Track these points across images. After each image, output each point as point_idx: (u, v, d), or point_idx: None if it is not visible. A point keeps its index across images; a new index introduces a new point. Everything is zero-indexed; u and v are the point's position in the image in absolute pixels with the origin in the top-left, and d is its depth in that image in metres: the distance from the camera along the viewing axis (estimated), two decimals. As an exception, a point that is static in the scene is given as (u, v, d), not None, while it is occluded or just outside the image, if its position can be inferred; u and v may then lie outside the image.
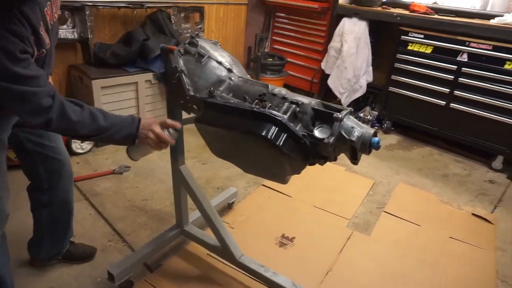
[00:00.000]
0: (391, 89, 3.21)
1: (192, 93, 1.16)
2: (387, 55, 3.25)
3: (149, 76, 2.79)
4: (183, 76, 1.17)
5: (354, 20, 3.27)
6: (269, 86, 1.16)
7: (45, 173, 1.36)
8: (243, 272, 1.58)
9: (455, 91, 2.85)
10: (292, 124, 1.03)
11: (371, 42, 3.30)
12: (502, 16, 2.69)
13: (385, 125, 3.35)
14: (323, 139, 1.01)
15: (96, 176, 2.31)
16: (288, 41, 4.04)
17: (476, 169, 2.85)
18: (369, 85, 3.43)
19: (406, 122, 3.22)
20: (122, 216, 1.98)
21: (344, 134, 1.00)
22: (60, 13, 1.19)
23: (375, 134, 1.01)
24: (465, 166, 2.89)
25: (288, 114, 1.05)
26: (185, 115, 1.40)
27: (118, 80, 2.64)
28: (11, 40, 0.87)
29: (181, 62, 1.19)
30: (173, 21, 3.06)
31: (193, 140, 2.77)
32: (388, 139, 3.25)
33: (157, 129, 1.13)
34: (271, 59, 3.79)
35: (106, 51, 2.70)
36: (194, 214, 1.82)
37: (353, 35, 3.25)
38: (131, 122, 1.12)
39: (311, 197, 2.28)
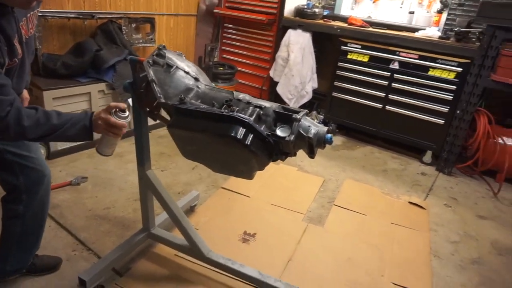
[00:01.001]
0: (335, 94, 3.50)
1: (164, 101, 1.26)
2: (329, 63, 3.55)
3: (102, 86, 2.78)
4: (154, 85, 1.27)
5: (299, 31, 3.53)
6: (234, 93, 1.30)
7: (24, 184, 1.35)
8: (212, 268, 1.69)
9: (389, 95, 3.21)
10: (257, 125, 1.17)
11: (315, 51, 3.58)
12: (424, 29, 3.09)
13: (331, 127, 3.64)
14: (284, 137, 1.17)
15: (53, 189, 2.26)
16: (237, 50, 4.21)
17: (410, 164, 3.22)
18: (314, 91, 3.71)
19: (349, 124, 3.53)
20: (85, 225, 1.99)
21: (302, 132, 1.17)
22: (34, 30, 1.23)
23: (328, 131, 1.19)
24: (401, 161, 3.25)
25: (254, 116, 1.19)
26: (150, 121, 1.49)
27: (71, 91, 2.61)
28: None
29: (151, 72, 1.29)
30: (124, 32, 3.08)
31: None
32: (334, 141, 3.51)
33: (104, 115, 1.18)
34: (221, 68, 3.93)
35: (56, 62, 2.66)
36: (159, 218, 1.89)
37: (298, 45, 3.51)
38: (84, 116, 1.17)
39: (268, 196, 2.44)
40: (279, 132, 1.19)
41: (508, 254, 2.15)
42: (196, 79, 1.35)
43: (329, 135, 1.18)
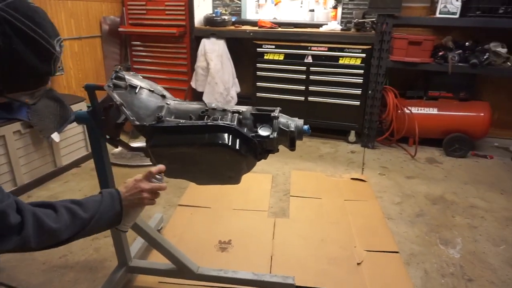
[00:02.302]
0: (259, 94, 3.67)
1: (138, 123, 1.22)
2: (248, 66, 3.70)
3: (17, 126, 2.48)
4: (124, 108, 1.22)
5: (213, 40, 3.61)
6: (206, 103, 1.32)
7: None
8: (202, 284, 1.67)
9: (309, 87, 3.49)
10: (242, 129, 1.22)
11: (232, 57, 3.70)
12: (326, 24, 3.44)
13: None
14: (268, 135, 1.24)
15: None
16: (150, 67, 4.09)
17: (339, 145, 3.55)
18: (239, 95, 3.83)
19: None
20: (45, 281, 1.77)
21: (283, 128, 1.25)
22: None
23: (304, 123, 1.29)
24: (331, 145, 3.56)
25: (235, 122, 1.23)
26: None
27: (-20, 138, 2.28)
28: None
29: (116, 96, 1.23)
30: (28, 63, 2.78)
31: (85, 184, 2.62)
32: (268, 138, 3.69)
33: (147, 185, 1.07)
34: (140, 87, 3.79)
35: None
36: (133, 249, 1.78)
37: (215, 53, 3.59)
38: (111, 199, 1.03)
39: (227, 202, 2.47)
40: (261, 132, 1.25)
41: (440, 202, 2.55)
42: (163, 96, 1.34)
43: (306, 126, 1.28)
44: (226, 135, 1.18)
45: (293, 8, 3.85)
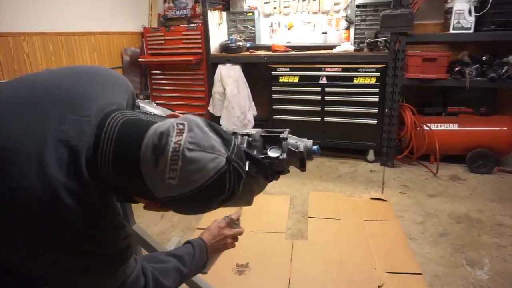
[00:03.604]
0: (275, 117, 3.71)
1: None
2: (264, 90, 3.77)
3: None
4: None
5: (228, 65, 3.72)
6: (216, 127, 1.37)
7: None
8: (220, 308, 1.66)
9: (325, 108, 3.50)
10: (251, 151, 1.24)
11: (248, 81, 3.79)
12: (339, 45, 3.49)
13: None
14: (278, 157, 1.26)
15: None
16: (169, 94, 4.25)
17: (358, 165, 3.51)
18: (256, 118, 3.89)
19: (295, 142, 3.73)
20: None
21: (292, 149, 1.27)
22: None
23: (313, 144, 1.31)
24: (350, 164, 3.53)
25: (245, 144, 1.26)
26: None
27: None
28: None
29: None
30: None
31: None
32: (286, 160, 3.70)
33: (230, 231, 1.20)
34: (160, 114, 3.92)
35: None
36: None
37: (231, 78, 3.69)
38: (200, 250, 1.11)
39: (245, 224, 2.41)
40: (271, 153, 1.27)
41: (465, 220, 2.46)
42: (176, 122, 1.39)
43: (316, 146, 1.29)
44: (236, 158, 1.20)
45: (306, 32, 3.93)
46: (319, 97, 3.49)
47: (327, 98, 3.47)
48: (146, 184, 0.68)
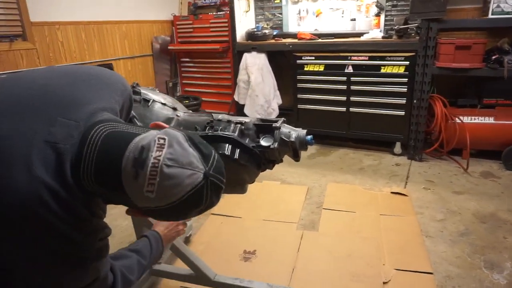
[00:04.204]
0: (300, 106, 3.66)
1: (148, 134, 1.31)
2: (289, 78, 3.72)
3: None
4: (136, 120, 1.32)
5: (254, 53, 3.71)
6: (213, 115, 1.38)
7: None
8: (220, 291, 1.70)
9: (350, 98, 3.40)
10: (242, 140, 1.25)
11: (273, 70, 3.76)
12: (368, 32, 3.35)
13: (303, 138, 3.76)
14: (269, 146, 1.25)
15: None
16: (198, 82, 4.33)
17: (383, 158, 3.39)
18: (280, 107, 3.86)
19: (319, 132, 3.67)
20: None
21: (284, 138, 1.26)
22: None
23: (307, 134, 1.28)
24: (374, 157, 3.41)
25: (237, 132, 1.27)
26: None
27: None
28: None
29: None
30: (84, 82, 3.11)
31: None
32: (309, 150, 3.58)
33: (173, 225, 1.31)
34: (186, 101, 4.02)
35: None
36: (158, 255, 1.88)
37: (256, 66, 3.68)
38: (156, 243, 1.21)
39: (259, 213, 2.49)
40: (263, 142, 1.27)
41: (490, 220, 2.31)
42: (174, 109, 1.42)
43: (309, 136, 1.27)
44: (225, 145, 1.21)
45: (334, 19, 3.81)
46: (344, 87, 3.39)
47: (352, 87, 3.36)
48: (127, 194, 0.71)
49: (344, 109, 3.45)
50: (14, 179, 0.68)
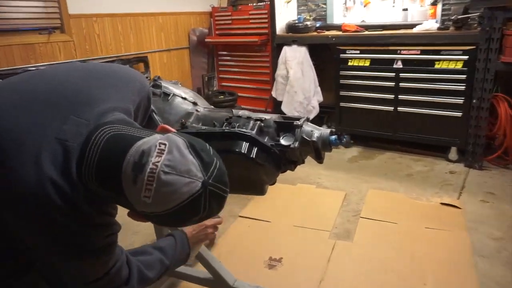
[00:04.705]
0: (342, 104, 3.58)
1: (164, 129, 1.36)
2: (331, 74, 3.65)
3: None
4: (154, 115, 1.37)
5: (294, 47, 3.68)
6: (233, 111, 1.39)
7: None
8: (239, 298, 1.71)
9: (399, 96, 3.27)
10: (260, 138, 1.25)
11: (314, 64, 3.71)
12: (421, 24, 3.20)
13: (344, 139, 3.64)
14: (289, 145, 1.24)
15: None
16: (235, 76, 4.38)
17: (436, 164, 3.22)
18: (321, 105, 3.80)
19: (363, 133, 3.58)
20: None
21: (306, 137, 1.24)
22: None
23: (331, 133, 1.26)
24: (425, 163, 3.26)
25: (255, 130, 1.27)
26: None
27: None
28: None
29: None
30: (118, 75, 3.28)
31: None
32: (350, 152, 3.58)
33: (210, 221, 1.34)
34: (222, 96, 4.09)
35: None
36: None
37: (295, 60, 3.65)
38: (182, 242, 1.23)
39: (289, 218, 2.47)
40: (282, 141, 1.26)
41: (558, 241, 2.12)
42: (195, 104, 1.45)
43: (333, 137, 1.24)
44: (242, 143, 1.22)
45: (384, 9, 3.68)
46: (392, 84, 3.26)
47: (402, 85, 3.23)
48: (127, 197, 0.75)
49: (391, 108, 3.32)
50: (24, 173, 0.76)
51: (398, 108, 3.29)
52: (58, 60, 3.02)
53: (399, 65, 3.20)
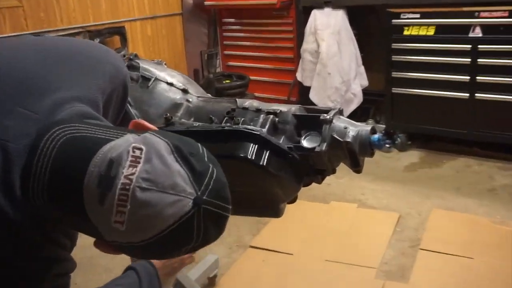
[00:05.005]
0: (395, 90, 3.57)
1: (143, 126, 1.39)
2: (379, 48, 3.65)
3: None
4: (129, 107, 1.40)
5: (327, 10, 3.69)
6: (238, 101, 1.41)
7: None
8: None
9: (477, 77, 3.25)
10: (273, 138, 1.26)
11: (355, 35, 3.71)
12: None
13: (398, 140, 3.68)
14: (313, 148, 1.25)
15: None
16: (245, 53, 4.40)
17: (530, 174, 3.20)
18: (365, 91, 3.80)
19: (426, 130, 3.56)
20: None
21: (337, 137, 1.24)
22: None
23: (373, 131, 1.26)
24: (514, 172, 3.23)
25: (267, 127, 1.28)
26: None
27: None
28: None
29: (122, 91, 1.43)
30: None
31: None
32: (407, 158, 3.56)
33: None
34: (228, 80, 4.12)
35: None
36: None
37: (329, 30, 3.66)
38: (148, 279, 1.22)
39: (320, 249, 2.48)
40: (305, 142, 1.27)
41: None
42: (185, 91, 1.48)
43: (376, 136, 1.25)
44: (248, 145, 1.23)
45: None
46: (467, 60, 3.25)
47: (481, 61, 3.21)
48: (92, 222, 0.74)
49: (466, 95, 3.31)
50: None
51: (476, 94, 3.27)
52: (2, 33, 3.09)
53: (477, 33, 3.18)
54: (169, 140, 0.76)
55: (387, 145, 3.71)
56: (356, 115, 3.89)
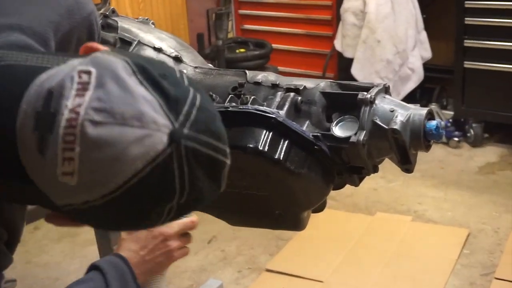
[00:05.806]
0: (468, 64, 3.54)
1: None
2: (446, 9, 3.61)
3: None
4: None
5: (378, -44, 3.67)
6: (248, 73, 1.40)
7: None
8: None
9: None
10: (294, 123, 1.24)
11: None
12: None
13: (471, 131, 3.63)
14: (348, 137, 1.23)
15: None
16: (267, 13, 4.39)
17: None
18: (428, 66, 3.77)
19: (509, 119, 3.50)
20: None
21: (380, 123, 1.22)
22: None
23: (430, 115, 1.23)
24: None
25: (286, 108, 1.26)
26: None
27: None
28: None
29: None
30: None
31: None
32: (482, 155, 3.53)
33: (173, 228, 1.23)
34: (242, 50, 4.11)
35: None
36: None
37: (380, -18, 3.63)
38: (119, 280, 1.15)
39: (359, 275, 2.48)
40: (337, 130, 1.25)
41: None
42: (178, 60, 1.47)
43: (434, 122, 1.22)
44: (259, 133, 1.22)
45: None
46: None
47: None
48: (34, 182, 0.72)
49: None
50: None
51: None
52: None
53: None
54: (130, 59, 0.71)
55: (456, 138, 3.68)
56: (415, 98, 3.88)
